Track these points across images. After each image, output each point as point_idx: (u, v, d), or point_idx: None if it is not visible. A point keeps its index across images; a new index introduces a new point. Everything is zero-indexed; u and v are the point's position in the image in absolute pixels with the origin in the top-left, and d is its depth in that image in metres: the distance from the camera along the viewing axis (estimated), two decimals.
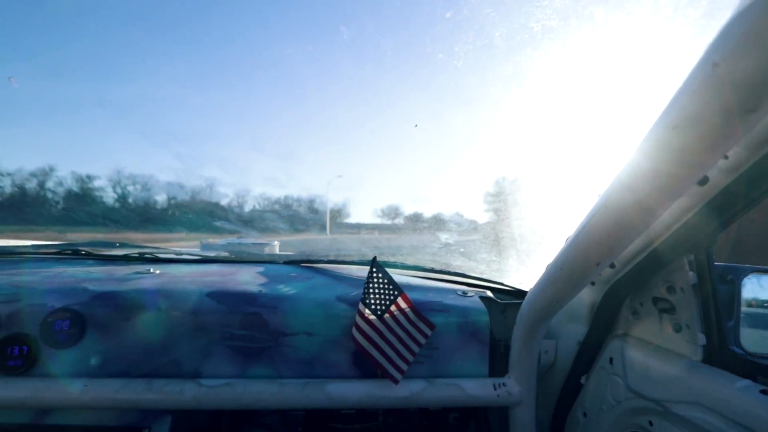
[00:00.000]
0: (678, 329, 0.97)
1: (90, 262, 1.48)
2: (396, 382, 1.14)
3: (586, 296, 1.22)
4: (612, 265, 1.06)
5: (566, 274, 0.84)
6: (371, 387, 1.14)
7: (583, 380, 1.25)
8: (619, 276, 1.06)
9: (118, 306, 1.12)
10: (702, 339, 0.90)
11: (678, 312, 0.96)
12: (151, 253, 1.55)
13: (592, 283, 1.18)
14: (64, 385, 1.03)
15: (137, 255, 1.54)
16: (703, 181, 0.75)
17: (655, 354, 1.01)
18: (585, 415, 1.22)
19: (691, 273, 0.91)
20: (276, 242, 2.38)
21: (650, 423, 0.99)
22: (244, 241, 2.48)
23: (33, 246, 1.68)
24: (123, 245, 1.68)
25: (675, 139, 0.47)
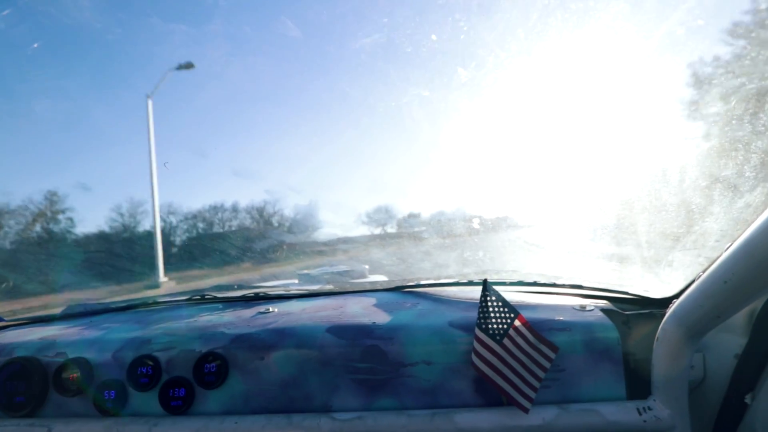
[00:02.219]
0: None
1: (215, 305, 1.65)
2: (526, 410, 1.09)
3: None
4: None
5: (732, 288, 0.74)
6: (501, 416, 1.10)
7: (747, 399, 1.08)
8: None
9: (252, 347, 1.23)
10: None
11: None
12: (264, 293, 1.69)
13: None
14: (219, 422, 1.15)
15: (253, 295, 1.69)
16: None
17: None
18: None
19: None
20: (366, 266, 2.45)
21: None
22: (336, 269, 2.60)
23: (169, 295, 1.92)
24: (240, 287, 1.86)
25: None
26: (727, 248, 0.74)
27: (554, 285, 1.48)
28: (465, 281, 1.56)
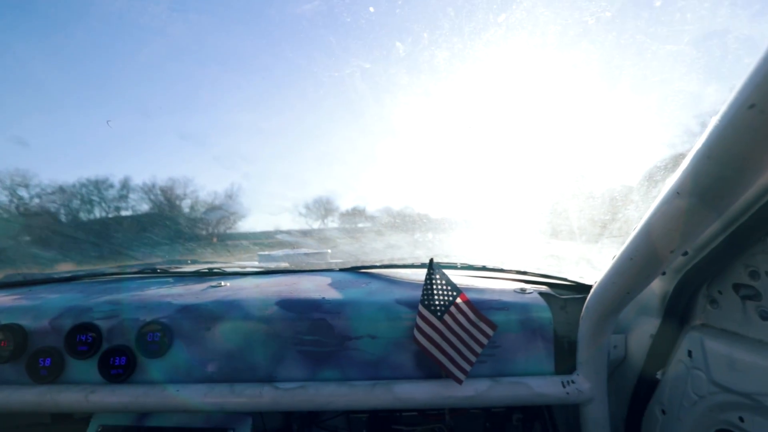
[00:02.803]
0: (765, 317, 0.90)
1: (167, 279, 1.63)
2: (459, 381, 1.15)
3: (657, 286, 1.16)
4: (684, 252, 1.01)
5: (637, 264, 0.81)
6: (437, 387, 1.16)
7: (659, 375, 1.19)
8: (693, 263, 1.01)
9: (199, 317, 1.23)
10: None
11: (765, 298, 0.90)
12: (219, 268, 1.68)
13: (663, 273, 1.12)
14: (160, 390, 1.14)
15: (207, 270, 1.67)
16: None
17: (741, 344, 0.95)
18: (664, 412, 1.16)
19: None
20: (328, 250, 2.48)
21: (741, 419, 0.93)
22: (298, 251, 2.60)
23: (118, 267, 1.87)
24: (194, 262, 1.83)
25: (754, 118, 0.46)
26: (633, 229, 0.81)
27: (500, 270, 1.56)
28: (418, 264, 1.62)
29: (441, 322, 1.17)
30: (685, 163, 0.60)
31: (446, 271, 1.31)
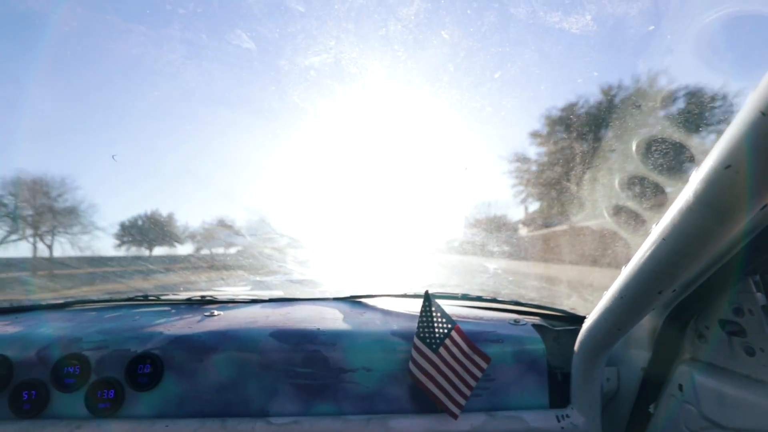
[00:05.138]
0: (751, 353, 0.93)
1: (158, 307, 1.60)
2: (455, 416, 1.14)
3: (647, 321, 1.19)
4: (673, 289, 1.04)
5: (627, 303, 0.84)
6: (432, 422, 1.15)
7: (651, 409, 1.20)
8: (681, 299, 1.04)
9: (191, 348, 1.21)
10: None
11: (749, 335, 0.93)
12: (211, 296, 1.66)
13: (653, 309, 1.16)
14: (148, 426, 1.11)
15: (200, 298, 1.66)
16: (765, 206, 0.75)
17: (728, 380, 0.97)
18: None
19: (759, 294, 0.88)
20: (326, 277, 2.47)
21: None
22: (292, 278, 2.58)
23: (108, 295, 1.83)
24: (186, 289, 1.81)
25: (730, 177, 0.50)
26: (624, 268, 0.85)
27: (495, 300, 1.58)
28: (412, 294, 1.63)
29: (436, 355, 1.18)
30: (670, 212, 0.64)
31: (441, 302, 1.33)
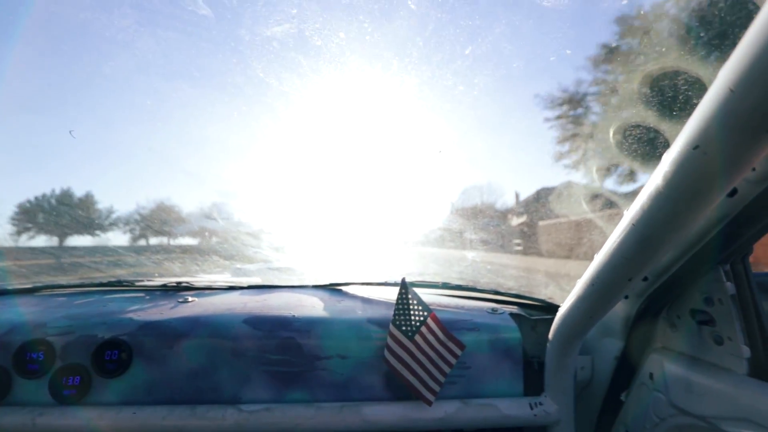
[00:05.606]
0: (719, 342, 0.94)
1: (132, 293, 1.56)
2: (429, 403, 1.14)
3: (621, 310, 1.20)
4: (645, 278, 1.05)
5: (598, 290, 0.84)
6: (406, 409, 1.15)
7: (623, 397, 1.21)
8: (653, 288, 1.05)
9: (161, 335, 1.18)
10: (746, 351, 0.88)
11: (718, 324, 0.94)
12: (187, 282, 1.62)
13: (626, 297, 1.16)
14: (115, 413, 1.08)
15: (175, 284, 1.62)
16: (732, 192, 0.74)
17: (697, 368, 0.98)
18: None
19: (728, 283, 0.89)
20: (306, 265, 2.45)
21: None
22: (272, 266, 2.55)
23: (80, 280, 1.78)
24: (161, 275, 1.77)
25: (698, 158, 0.49)
26: (595, 256, 0.84)
27: (473, 289, 1.57)
28: (393, 282, 1.61)
29: (411, 342, 1.17)
30: (640, 198, 0.63)
31: (419, 290, 1.32)
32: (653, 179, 0.58)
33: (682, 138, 0.51)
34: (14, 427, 1.07)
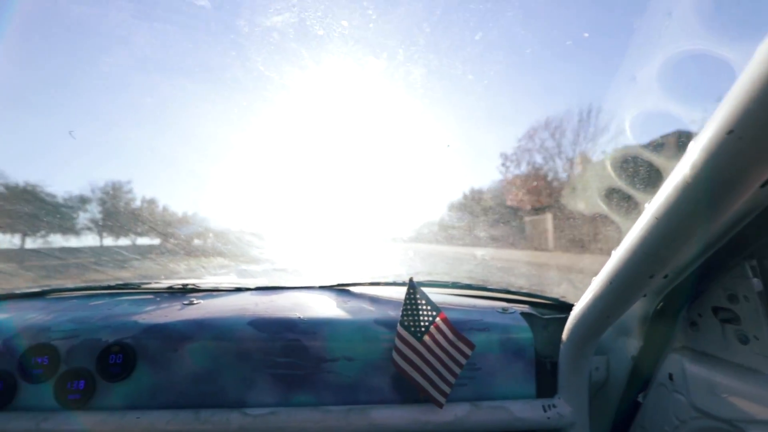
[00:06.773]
0: (745, 341, 0.89)
1: (138, 295, 1.55)
2: (440, 406, 1.11)
3: (638, 308, 1.15)
4: (665, 275, 1.00)
5: (616, 288, 0.80)
6: (415, 412, 1.11)
7: (640, 398, 1.17)
8: (673, 286, 1.00)
9: (165, 338, 1.16)
10: None
11: (743, 322, 0.89)
12: (194, 284, 1.61)
13: (644, 295, 1.11)
14: (119, 417, 1.07)
15: (181, 287, 1.60)
16: (766, 182, 0.70)
17: (720, 368, 0.93)
18: None
19: (755, 279, 0.84)
20: (312, 266, 2.43)
21: None
22: (278, 267, 2.53)
23: (86, 283, 1.78)
24: (167, 277, 1.75)
25: (732, 144, 0.45)
26: (613, 253, 0.80)
27: (483, 288, 1.53)
28: (401, 282, 1.58)
29: (420, 344, 1.14)
30: (664, 189, 0.59)
31: (428, 290, 1.28)
32: (679, 169, 0.54)
33: (713, 123, 0.47)
34: None
